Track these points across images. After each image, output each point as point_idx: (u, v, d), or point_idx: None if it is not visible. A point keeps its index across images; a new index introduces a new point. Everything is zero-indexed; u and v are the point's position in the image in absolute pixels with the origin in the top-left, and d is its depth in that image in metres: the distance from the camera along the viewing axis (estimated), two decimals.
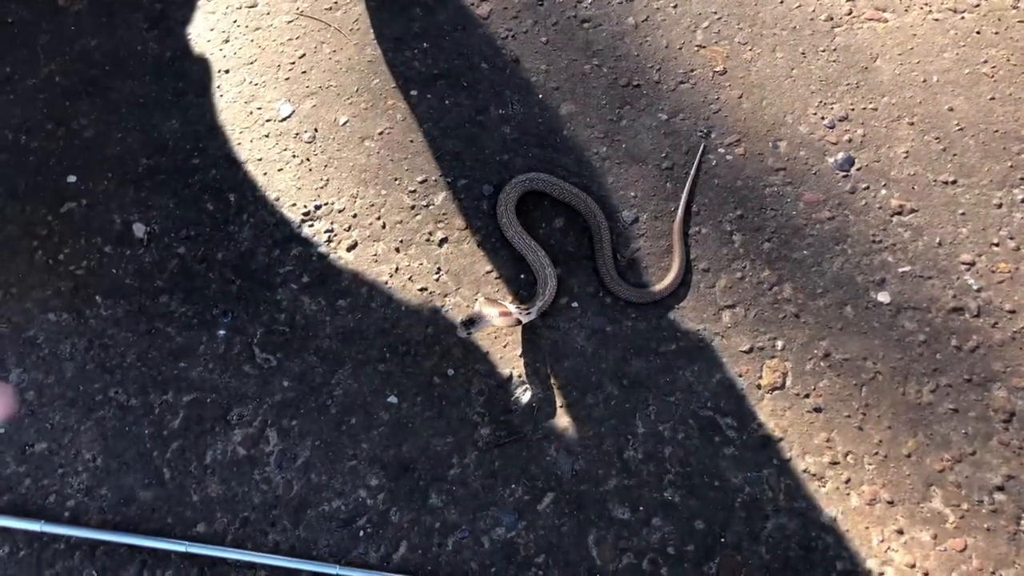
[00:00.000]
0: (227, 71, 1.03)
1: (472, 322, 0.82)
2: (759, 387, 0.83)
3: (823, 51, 0.96)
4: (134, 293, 0.92)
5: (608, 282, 0.87)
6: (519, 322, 0.84)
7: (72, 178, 0.97)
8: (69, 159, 0.98)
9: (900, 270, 0.86)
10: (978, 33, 0.95)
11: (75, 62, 1.05)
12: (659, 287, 0.86)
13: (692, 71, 0.96)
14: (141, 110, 1.01)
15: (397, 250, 0.92)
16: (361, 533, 0.80)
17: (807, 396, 0.82)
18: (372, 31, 1.03)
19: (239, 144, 0.98)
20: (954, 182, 0.89)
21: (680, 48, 0.97)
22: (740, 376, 0.83)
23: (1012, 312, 0.83)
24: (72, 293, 0.92)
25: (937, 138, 0.91)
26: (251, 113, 1.00)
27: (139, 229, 0.95)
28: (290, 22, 1.05)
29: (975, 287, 0.84)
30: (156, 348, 0.89)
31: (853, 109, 0.93)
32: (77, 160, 0.98)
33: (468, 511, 0.80)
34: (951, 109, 0.92)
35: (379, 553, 0.79)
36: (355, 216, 0.93)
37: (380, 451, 0.83)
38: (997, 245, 0.86)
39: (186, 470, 0.84)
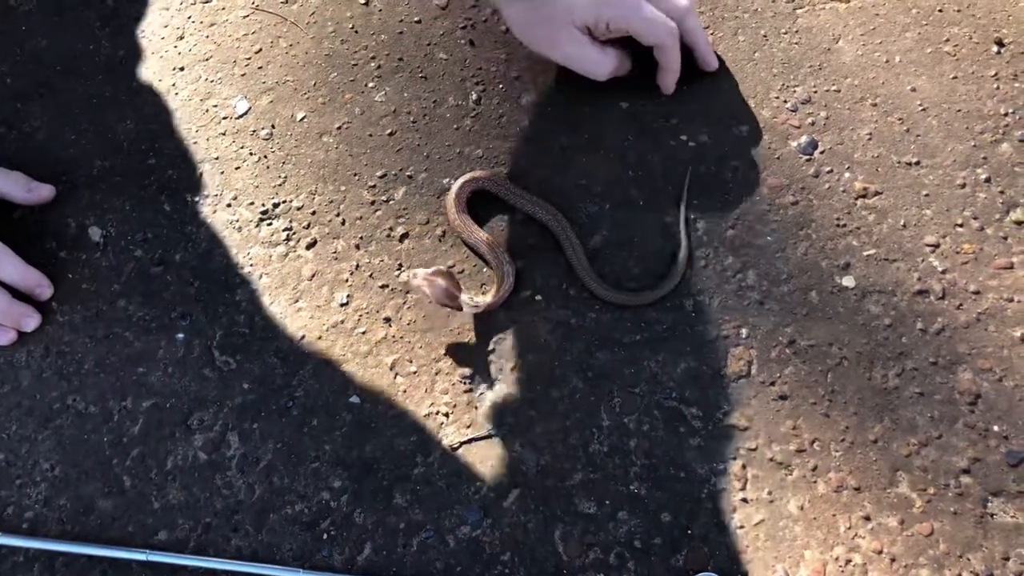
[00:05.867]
0: (182, 68, 1.01)
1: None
2: (724, 376, 0.82)
3: (785, 33, 0.95)
4: (91, 298, 0.90)
5: (595, 289, 0.85)
6: (460, 309, 0.82)
7: None
8: (21, 163, 0.96)
9: (865, 254, 0.85)
10: (940, 11, 0.94)
11: (26, 63, 1.02)
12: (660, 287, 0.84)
13: None
14: (94, 111, 0.99)
15: (357, 247, 0.90)
16: (325, 536, 0.79)
17: (773, 384, 0.81)
18: (329, 24, 1.01)
19: (195, 143, 0.97)
20: (917, 163, 0.88)
21: None
22: (704, 365, 0.82)
23: (976, 293, 0.82)
24: (27, 300, 0.90)
25: (900, 119, 0.90)
26: (207, 111, 0.98)
27: (95, 232, 0.93)
28: (246, 17, 1.03)
29: (940, 268, 0.83)
30: (114, 353, 0.88)
31: (816, 91, 0.92)
32: (30, 164, 0.96)
33: (433, 510, 0.79)
34: (914, 89, 0.91)
35: (343, 555, 0.78)
36: (314, 213, 0.92)
37: (343, 452, 0.82)
38: (961, 226, 0.85)
39: (147, 477, 0.83)
